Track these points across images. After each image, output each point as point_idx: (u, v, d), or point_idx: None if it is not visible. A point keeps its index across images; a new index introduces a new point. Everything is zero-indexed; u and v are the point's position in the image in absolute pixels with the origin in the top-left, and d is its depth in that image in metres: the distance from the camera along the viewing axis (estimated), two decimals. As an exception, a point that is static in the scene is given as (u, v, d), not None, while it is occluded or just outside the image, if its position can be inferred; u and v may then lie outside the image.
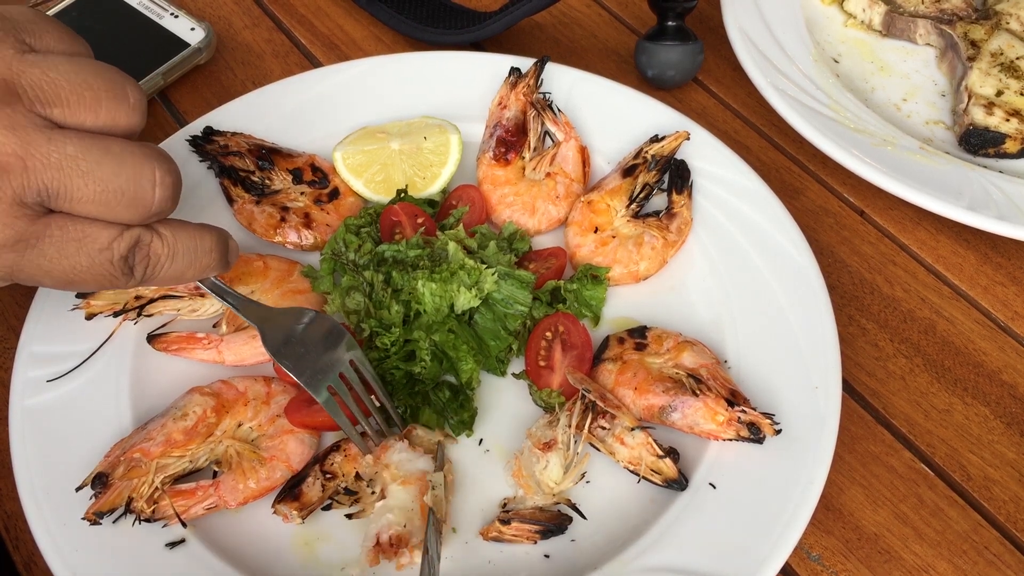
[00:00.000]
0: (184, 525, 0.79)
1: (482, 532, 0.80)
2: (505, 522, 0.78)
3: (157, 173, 0.65)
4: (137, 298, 0.89)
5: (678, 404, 0.82)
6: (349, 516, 0.79)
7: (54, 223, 0.63)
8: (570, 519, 0.80)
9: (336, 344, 0.82)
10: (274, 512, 0.80)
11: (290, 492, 0.80)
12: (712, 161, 1.02)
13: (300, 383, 0.79)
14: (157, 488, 0.78)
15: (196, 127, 1.04)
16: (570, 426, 0.81)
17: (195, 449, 0.81)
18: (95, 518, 0.77)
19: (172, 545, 0.78)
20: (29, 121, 0.61)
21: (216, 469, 0.81)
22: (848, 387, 0.93)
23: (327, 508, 0.81)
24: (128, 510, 0.77)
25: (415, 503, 0.78)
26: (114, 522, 0.78)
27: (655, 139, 1.02)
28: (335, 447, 0.83)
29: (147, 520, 0.78)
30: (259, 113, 1.07)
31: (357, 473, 0.81)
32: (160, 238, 0.68)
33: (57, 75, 0.62)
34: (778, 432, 0.82)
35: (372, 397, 0.83)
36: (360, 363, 0.83)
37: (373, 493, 0.79)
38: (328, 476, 0.81)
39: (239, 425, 0.84)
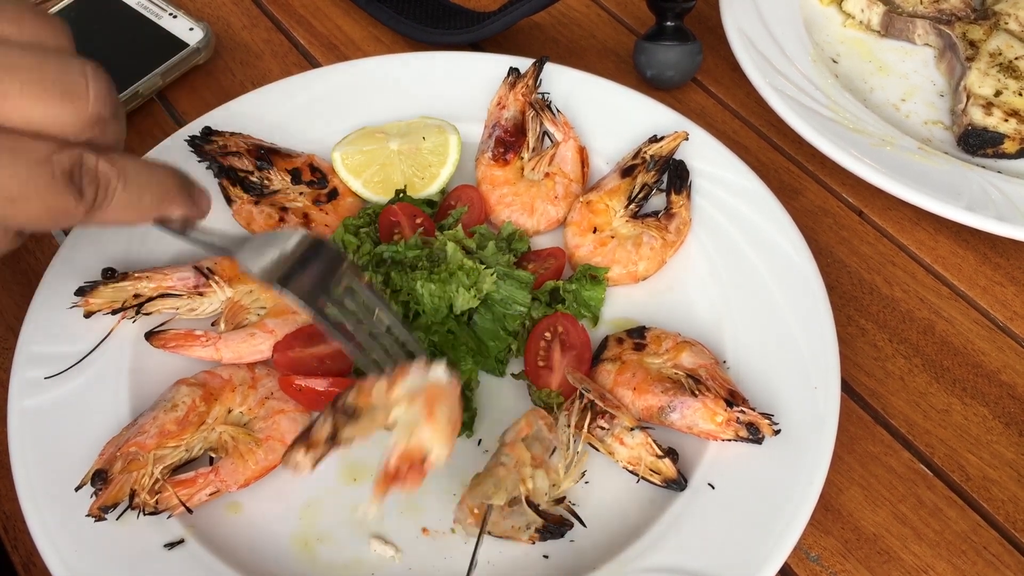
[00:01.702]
0: (190, 511, 0.78)
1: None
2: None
3: (88, 67, 0.60)
4: (136, 296, 0.89)
5: (677, 404, 0.82)
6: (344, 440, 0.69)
7: None
8: (571, 524, 0.79)
9: (335, 266, 0.73)
10: (284, 464, 0.70)
11: (300, 437, 0.70)
12: (711, 161, 1.03)
13: (304, 309, 0.70)
14: (158, 479, 0.78)
15: (195, 127, 1.04)
16: (569, 426, 0.81)
17: (189, 438, 0.81)
18: (100, 513, 0.76)
19: (171, 545, 0.78)
20: None
21: (212, 456, 0.81)
22: (847, 387, 0.93)
23: (333, 440, 0.69)
24: (131, 504, 0.77)
25: (421, 414, 0.68)
26: (118, 517, 0.77)
27: (654, 139, 1.02)
28: (350, 386, 0.73)
29: (152, 512, 0.77)
30: (258, 113, 1.07)
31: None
32: (107, 160, 0.62)
33: None
34: (777, 432, 0.82)
35: (379, 316, 0.74)
36: (360, 282, 0.74)
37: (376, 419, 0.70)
38: (340, 414, 0.71)
39: (229, 411, 0.84)
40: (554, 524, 0.78)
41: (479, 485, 0.77)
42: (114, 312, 0.89)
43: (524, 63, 1.08)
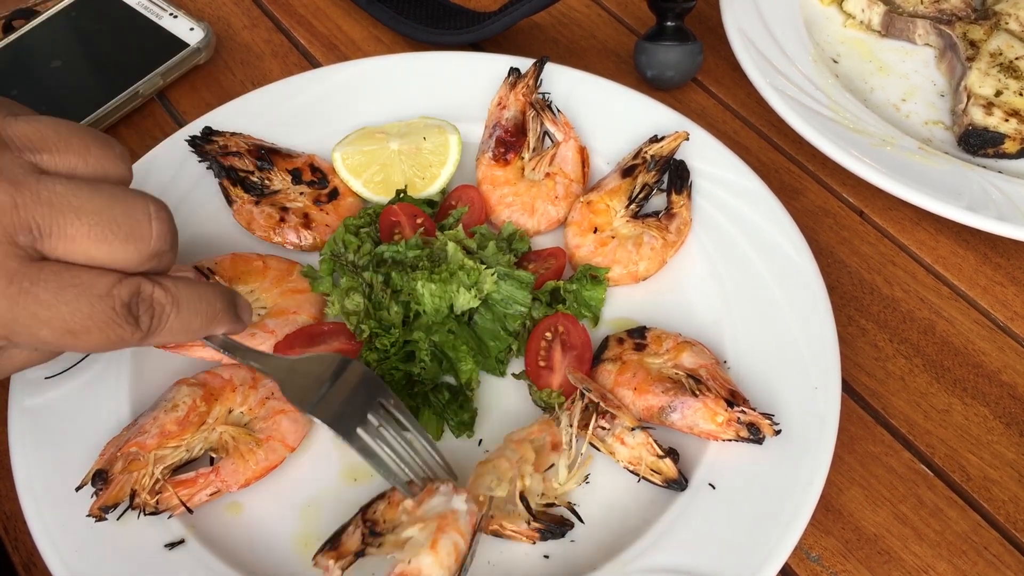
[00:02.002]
0: (191, 511, 0.78)
1: (482, 526, 0.80)
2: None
3: (152, 207, 0.64)
4: None
5: (677, 404, 0.82)
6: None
7: (48, 267, 0.60)
8: (571, 524, 0.79)
9: (372, 392, 0.76)
10: (315, 565, 0.72)
11: (330, 542, 0.73)
12: (711, 161, 1.03)
13: (338, 434, 0.73)
14: (158, 479, 0.78)
15: (195, 127, 1.04)
16: (571, 426, 0.81)
17: (190, 438, 0.81)
18: (100, 514, 0.76)
19: (171, 546, 0.78)
20: (17, 166, 0.60)
21: (213, 456, 0.81)
22: (847, 387, 0.93)
23: (361, 555, 0.73)
24: (132, 505, 0.77)
25: (427, 541, 0.70)
26: (119, 518, 0.77)
27: (654, 139, 1.02)
28: (380, 496, 0.76)
29: (152, 512, 0.77)
30: (258, 113, 1.07)
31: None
32: (162, 287, 0.66)
33: (43, 127, 0.63)
34: (778, 433, 0.82)
35: (410, 439, 0.76)
36: (396, 407, 0.77)
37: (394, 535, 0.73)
38: (369, 524, 0.74)
39: (230, 411, 0.84)
40: (554, 524, 0.78)
41: (482, 476, 0.78)
42: None
43: (524, 63, 1.08)
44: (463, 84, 1.10)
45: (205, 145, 1.01)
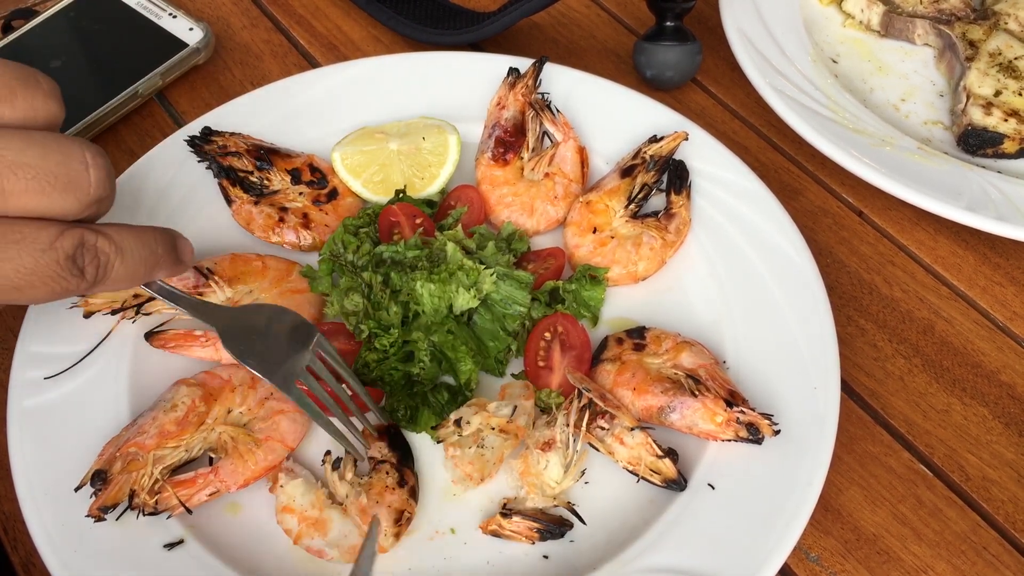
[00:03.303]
0: (190, 512, 0.78)
1: (481, 525, 0.80)
2: (506, 516, 0.78)
3: (87, 154, 0.62)
4: (135, 296, 0.89)
5: (677, 405, 0.82)
6: None
7: None
8: (570, 525, 0.80)
9: (304, 340, 0.79)
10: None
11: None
12: (711, 161, 1.02)
13: (271, 383, 0.76)
14: (157, 480, 0.78)
15: (194, 127, 1.04)
16: (568, 425, 0.81)
17: (189, 439, 0.81)
18: (99, 514, 0.76)
19: (171, 546, 0.78)
20: None
21: (212, 456, 0.81)
22: (847, 387, 0.93)
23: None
24: (131, 505, 0.77)
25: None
26: (118, 518, 0.77)
27: (654, 139, 1.02)
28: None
29: (151, 513, 0.77)
30: (257, 113, 1.07)
31: None
32: (105, 236, 0.64)
33: None
34: (777, 433, 0.82)
35: (345, 387, 0.80)
36: (329, 355, 0.80)
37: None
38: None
39: (229, 411, 0.84)
40: (553, 524, 0.78)
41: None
42: (114, 312, 0.89)
43: (524, 63, 1.08)
44: (462, 84, 1.10)
45: (204, 145, 1.01)
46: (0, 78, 0.61)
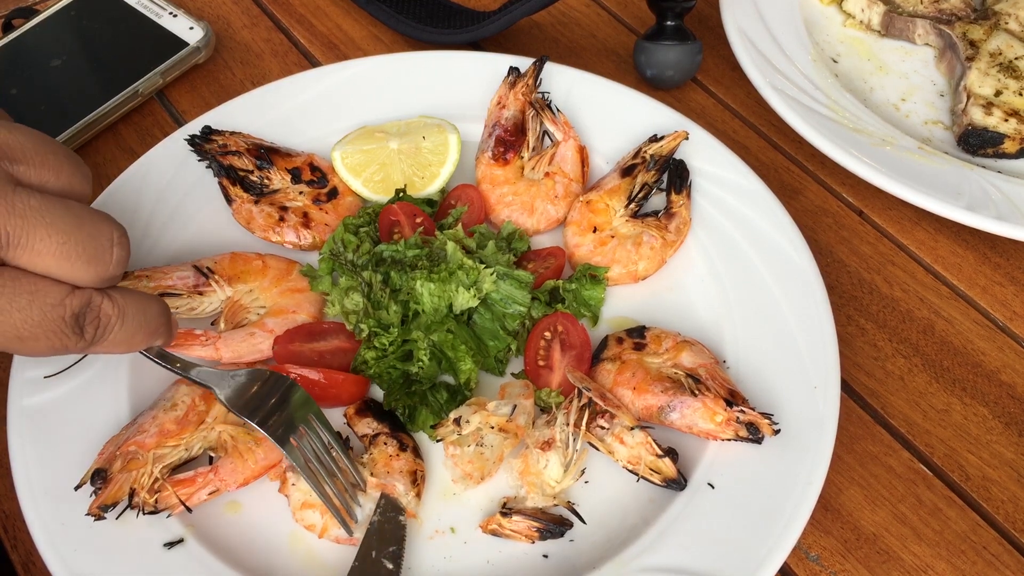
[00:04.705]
0: (190, 511, 0.78)
1: (481, 525, 0.80)
2: (506, 515, 0.78)
3: (115, 233, 0.66)
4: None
5: (677, 404, 0.82)
6: None
7: (7, 273, 0.62)
8: (570, 524, 0.80)
9: (295, 403, 0.79)
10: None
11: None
12: (711, 161, 1.02)
13: (271, 439, 0.76)
14: (157, 478, 0.78)
15: (195, 126, 1.04)
16: (568, 424, 0.81)
17: (189, 437, 0.81)
18: (99, 513, 0.76)
19: (170, 545, 0.78)
20: None
21: (212, 455, 0.81)
22: (847, 387, 0.93)
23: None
24: (131, 504, 0.77)
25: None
26: (118, 517, 0.77)
27: (654, 139, 1.02)
28: None
29: (151, 512, 0.77)
30: (258, 112, 1.07)
31: None
32: (111, 300, 0.67)
33: (23, 138, 0.64)
34: (777, 432, 0.82)
35: (334, 456, 0.80)
36: (317, 419, 0.80)
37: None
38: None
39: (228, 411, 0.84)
40: (553, 523, 0.78)
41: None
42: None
43: (524, 63, 1.08)
44: (463, 83, 1.10)
45: (204, 144, 1.01)
46: (55, 153, 0.66)
